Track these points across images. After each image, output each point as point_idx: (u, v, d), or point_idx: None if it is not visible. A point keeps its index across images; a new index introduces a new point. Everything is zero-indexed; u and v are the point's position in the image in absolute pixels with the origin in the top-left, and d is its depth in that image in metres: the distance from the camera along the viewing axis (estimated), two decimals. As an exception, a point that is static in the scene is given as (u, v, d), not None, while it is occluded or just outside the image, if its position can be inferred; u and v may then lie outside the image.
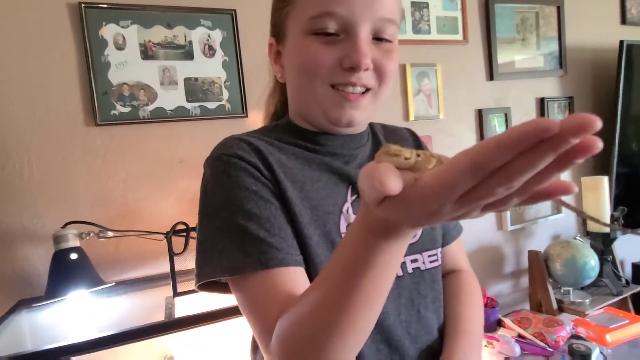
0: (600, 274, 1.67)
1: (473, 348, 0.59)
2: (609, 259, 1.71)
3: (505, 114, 1.84)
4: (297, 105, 0.61)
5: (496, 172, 0.24)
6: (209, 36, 1.28)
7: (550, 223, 1.96)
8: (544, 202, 1.92)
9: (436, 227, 0.65)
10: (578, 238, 1.74)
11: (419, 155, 0.29)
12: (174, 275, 1.08)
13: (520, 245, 1.90)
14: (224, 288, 0.53)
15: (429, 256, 0.61)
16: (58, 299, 0.97)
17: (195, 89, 1.27)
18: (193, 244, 1.10)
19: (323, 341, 0.39)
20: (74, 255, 0.99)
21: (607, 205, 1.68)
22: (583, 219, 1.86)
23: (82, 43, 1.14)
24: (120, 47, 1.18)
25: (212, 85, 1.29)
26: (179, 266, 1.11)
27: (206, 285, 0.52)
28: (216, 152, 0.55)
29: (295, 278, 0.48)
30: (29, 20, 1.09)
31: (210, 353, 1.20)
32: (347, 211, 0.56)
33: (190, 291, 1.07)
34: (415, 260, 0.60)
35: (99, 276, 1.04)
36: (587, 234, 1.76)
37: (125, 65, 1.18)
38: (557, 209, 1.96)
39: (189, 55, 1.26)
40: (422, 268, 0.60)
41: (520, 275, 1.90)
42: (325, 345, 0.39)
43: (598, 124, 0.21)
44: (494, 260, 1.84)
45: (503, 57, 1.81)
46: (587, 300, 1.59)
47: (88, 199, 1.16)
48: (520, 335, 1.42)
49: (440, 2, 1.66)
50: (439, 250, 0.64)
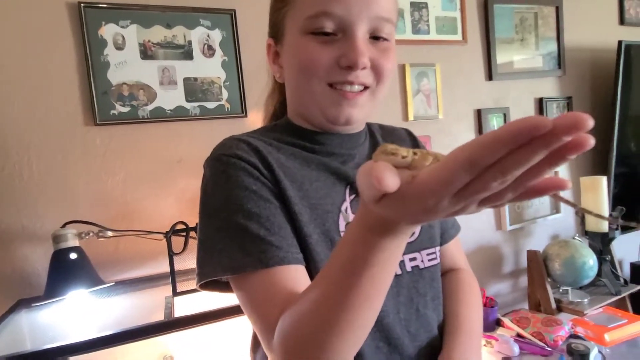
0: (599, 273, 1.67)
1: (472, 346, 0.59)
2: (608, 258, 1.71)
3: (504, 114, 1.84)
4: (296, 105, 0.62)
5: (491, 167, 0.24)
6: (209, 36, 1.28)
7: (549, 223, 1.97)
8: (543, 203, 1.94)
9: (434, 226, 0.65)
10: (577, 238, 1.75)
11: (415, 154, 0.29)
12: (173, 275, 1.08)
13: (519, 245, 1.90)
14: (225, 287, 0.53)
15: (428, 254, 0.62)
16: (57, 299, 0.97)
17: (194, 89, 1.27)
18: (192, 243, 1.12)
19: (323, 339, 0.39)
20: (73, 255, 0.99)
21: (606, 205, 1.68)
22: (582, 216, 1.86)
23: (82, 43, 1.14)
24: (119, 47, 1.18)
25: (212, 85, 1.29)
26: (178, 266, 1.11)
27: (207, 284, 0.52)
28: (216, 153, 0.55)
29: (296, 276, 0.48)
30: (29, 20, 1.09)
31: (210, 353, 1.20)
32: (346, 210, 0.57)
33: (189, 291, 1.07)
34: (413, 259, 0.60)
35: (98, 276, 1.04)
36: (586, 233, 1.76)
37: (125, 65, 1.19)
38: (556, 208, 1.97)
39: (188, 55, 1.26)
40: (421, 266, 0.61)
41: (519, 274, 1.91)
42: (326, 343, 0.39)
43: (590, 122, 0.21)
44: (493, 260, 1.85)
45: (502, 58, 1.82)
46: (586, 300, 1.60)
47: (87, 199, 1.16)
48: (519, 335, 1.43)
49: (440, 3, 1.66)
50: (438, 248, 0.64)
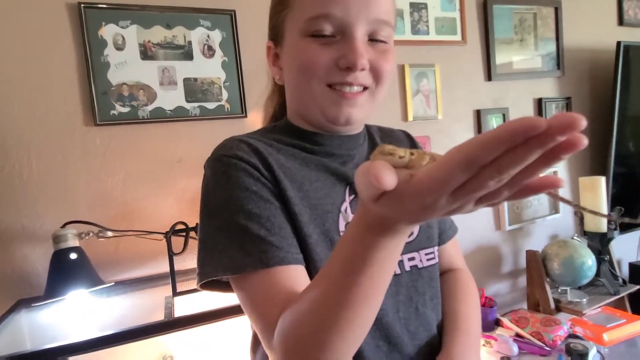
0: (598, 273, 1.68)
1: (471, 345, 0.60)
2: (606, 258, 1.72)
3: (504, 115, 1.85)
4: (296, 106, 0.62)
5: (487, 166, 0.25)
6: (209, 36, 1.28)
7: (548, 223, 1.97)
8: (542, 203, 1.94)
9: (432, 226, 0.66)
10: (576, 238, 1.75)
11: (412, 154, 0.30)
12: (173, 275, 1.08)
13: (518, 245, 1.91)
14: (225, 287, 0.54)
15: (426, 254, 0.62)
16: (57, 299, 0.97)
17: (194, 89, 1.27)
18: (192, 243, 1.12)
19: (323, 338, 0.39)
20: (73, 255, 0.99)
21: (605, 205, 1.69)
22: (580, 216, 1.86)
23: (82, 43, 1.14)
24: (119, 47, 1.18)
25: (212, 85, 1.29)
26: (178, 266, 1.11)
27: (208, 284, 0.53)
28: (216, 153, 0.56)
29: (296, 276, 0.49)
30: (29, 20, 1.09)
31: (210, 352, 1.20)
32: (346, 210, 0.57)
33: (189, 291, 1.07)
34: (412, 259, 0.60)
35: (98, 276, 1.04)
36: (585, 233, 1.77)
37: (125, 66, 1.19)
38: (555, 209, 1.97)
39: (188, 55, 1.26)
40: (420, 266, 0.61)
41: (518, 274, 1.91)
42: (326, 342, 0.39)
43: (583, 122, 0.22)
44: (492, 260, 1.85)
45: (501, 58, 1.82)
46: (585, 300, 1.60)
47: (87, 199, 1.16)
48: (518, 335, 1.43)
49: (439, 3, 1.67)
50: (436, 248, 0.64)
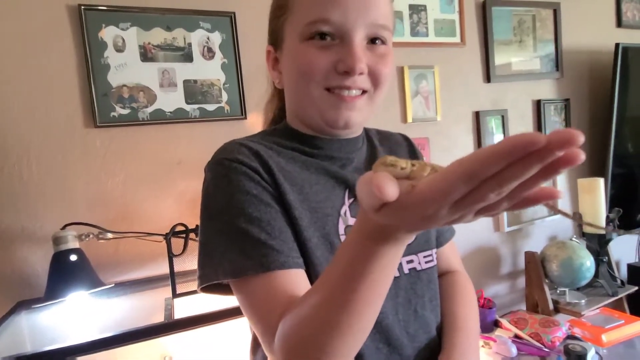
0: (596, 274, 1.69)
1: (471, 346, 0.60)
2: (605, 260, 1.73)
3: (502, 116, 1.85)
4: (295, 109, 0.62)
5: (488, 180, 0.25)
6: (208, 38, 1.29)
7: (547, 224, 1.98)
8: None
9: (430, 229, 0.66)
10: (574, 239, 1.76)
11: (414, 165, 0.31)
12: (173, 277, 1.08)
13: (517, 246, 1.91)
14: (226, 290, 0.54)
15: (425, 257, 0.63)
16: (57, 301, 0.97)
17: (194, 91, 1.28)
18: (192, 245, 1.12)
19: (323, 342, 0.40)
20: (73, 257, 0.99)
21: (603, 207, 1.69)
22: (578, 219, 1.87)
23: (82, 45, 1.14)
24: (119, 49, 1.18)
25: (211, 87, 1.30)
26: (178, 267, 1.12)
27: (208, 287, 0.53)
28: (217, 157, 0.56)
29: (296, 280, 0.49)
30: (29, 22, 1.10)
31: (210, 354, 1.20)
32: (345, 214, 0.57)
33: (189, 292, 1.07)
34: (411, 261, 0.61)
35: (98, 277, 1.04)
36: (583, 235, 1.77)
37: (125, 67, 1.19)
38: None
39: (188, 57, 1.26)
40: (418, 268, 0.61)
41: (516, 276, 1.92)
42: (326, 346, 0.40)
43: (581, 138, 0.22)
44: (490, 261, 1.85)
45: (500, 60, 1.82)
46: (583, 301, 1.61)
47: (87, 200, 1.16)
48: (516, 336, 1.44)
49: (438, 5, 1.67)
50: (434, 251, 0.65)
